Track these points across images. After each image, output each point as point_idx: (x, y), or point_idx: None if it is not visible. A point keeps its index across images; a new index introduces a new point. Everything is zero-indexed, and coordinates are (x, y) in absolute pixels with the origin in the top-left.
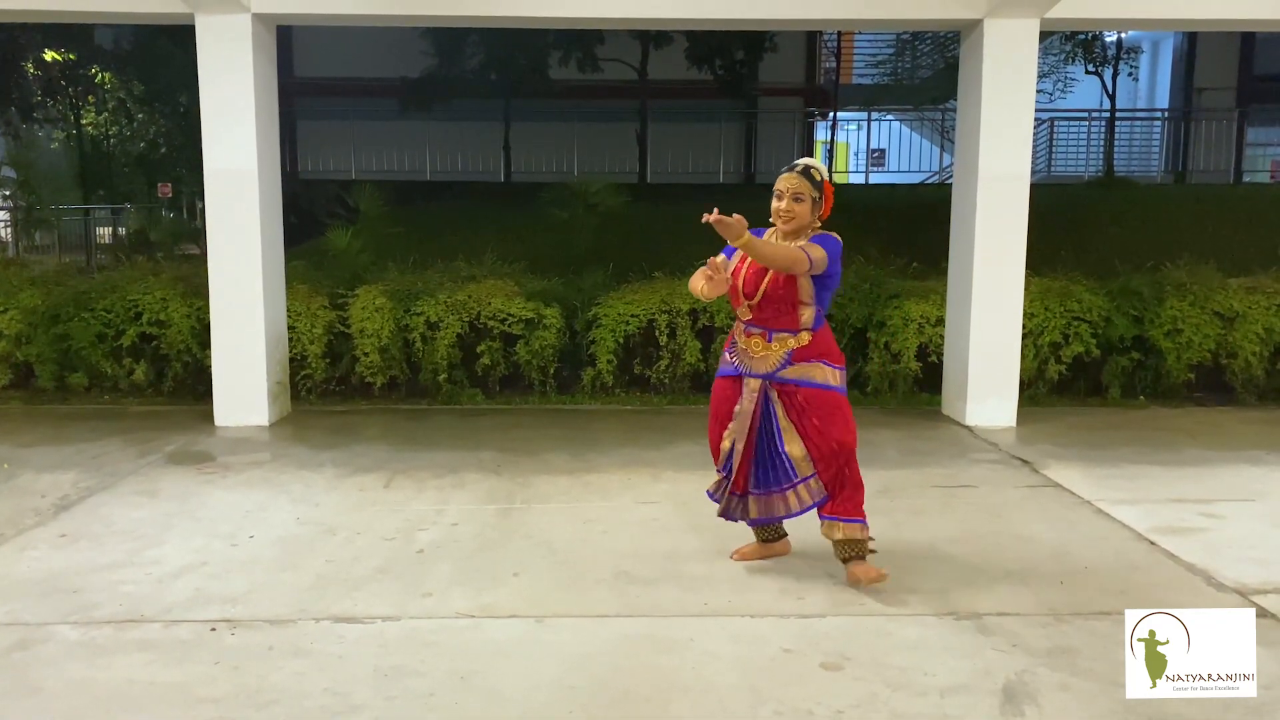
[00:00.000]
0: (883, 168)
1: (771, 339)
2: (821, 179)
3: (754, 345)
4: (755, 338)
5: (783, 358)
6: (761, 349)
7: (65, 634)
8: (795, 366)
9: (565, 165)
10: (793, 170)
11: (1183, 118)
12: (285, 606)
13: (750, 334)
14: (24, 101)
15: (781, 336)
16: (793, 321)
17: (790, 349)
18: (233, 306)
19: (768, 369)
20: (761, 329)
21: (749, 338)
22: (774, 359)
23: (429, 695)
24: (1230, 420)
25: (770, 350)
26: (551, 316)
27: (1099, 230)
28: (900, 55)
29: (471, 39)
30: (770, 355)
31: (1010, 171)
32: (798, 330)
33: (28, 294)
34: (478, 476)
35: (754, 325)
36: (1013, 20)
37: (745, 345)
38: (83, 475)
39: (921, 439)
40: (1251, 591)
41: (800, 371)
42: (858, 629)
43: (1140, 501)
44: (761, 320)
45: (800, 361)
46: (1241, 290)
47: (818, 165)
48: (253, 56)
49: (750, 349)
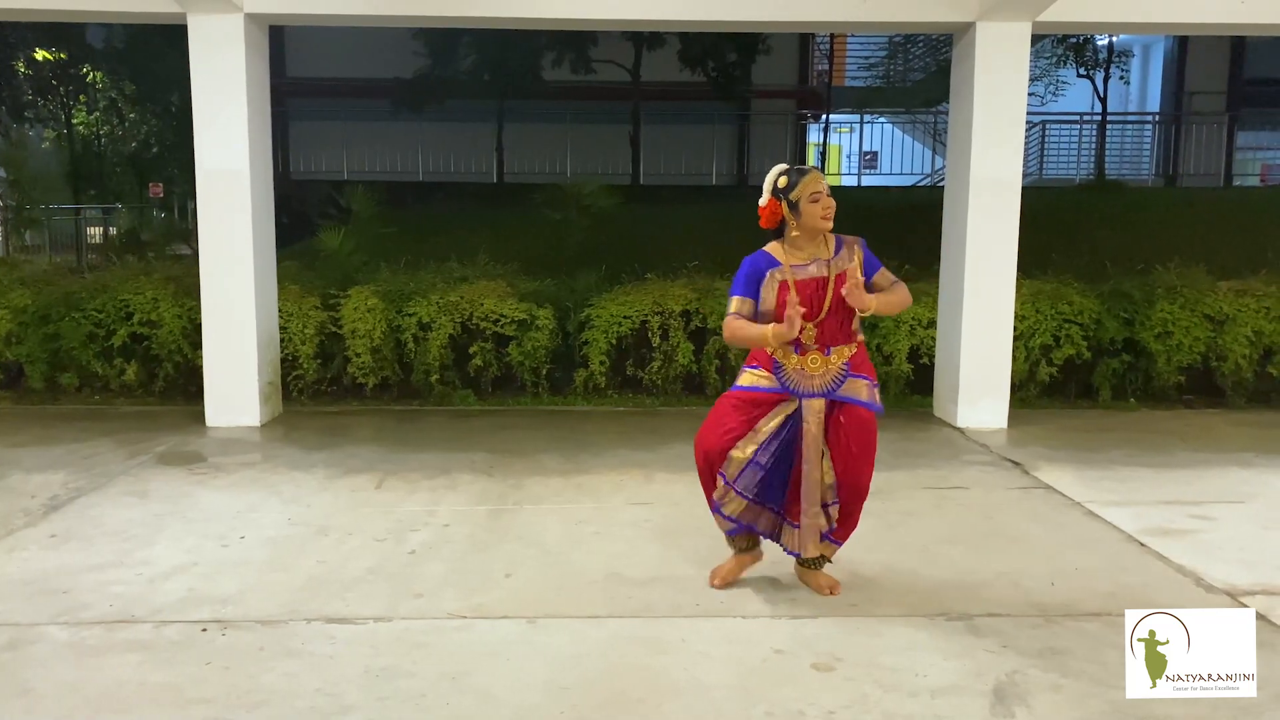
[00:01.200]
0: (875, 170)
1: (830, 352)
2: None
3: (811, 363)
4: (813, 353)
5: (841, 370)
6: (820, 365)
7: (55, 635)
8: (850, 381)
9: (558, 167)
10: (811, 171)
11: (1173, 121)
12: (276, 607)
13: (806, 351)
14: (15, 101)
15: (839, 349)
16: (850, 334)
17: (847, 359)
18: (224, 307)
19: (826, 385)
20: (819, 345)
21: (804, 355)
22: (834, 372)
23: (420, 696)
24: (1220, 422)
25: (830, 364)
26: (544, 318)
27: (1090, 233)
28: (893, 58)
29: (464, 40)
30: (830, 369)
31: (1002, 174)
32: (853, 339)
33: (18, 294)
34: (470, 478)
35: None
36: (1005, 23)
37: (800, 364)
38: (73, 476)
39: (913, 441)
40: (1241, 593)
41: (851, 388)
42: (849, 630)
43: (1130, 503)
44: (822, 339)
45: (855, 373)
46: (1231, 293)
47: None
48: (245, 56)
49: (806, 367)
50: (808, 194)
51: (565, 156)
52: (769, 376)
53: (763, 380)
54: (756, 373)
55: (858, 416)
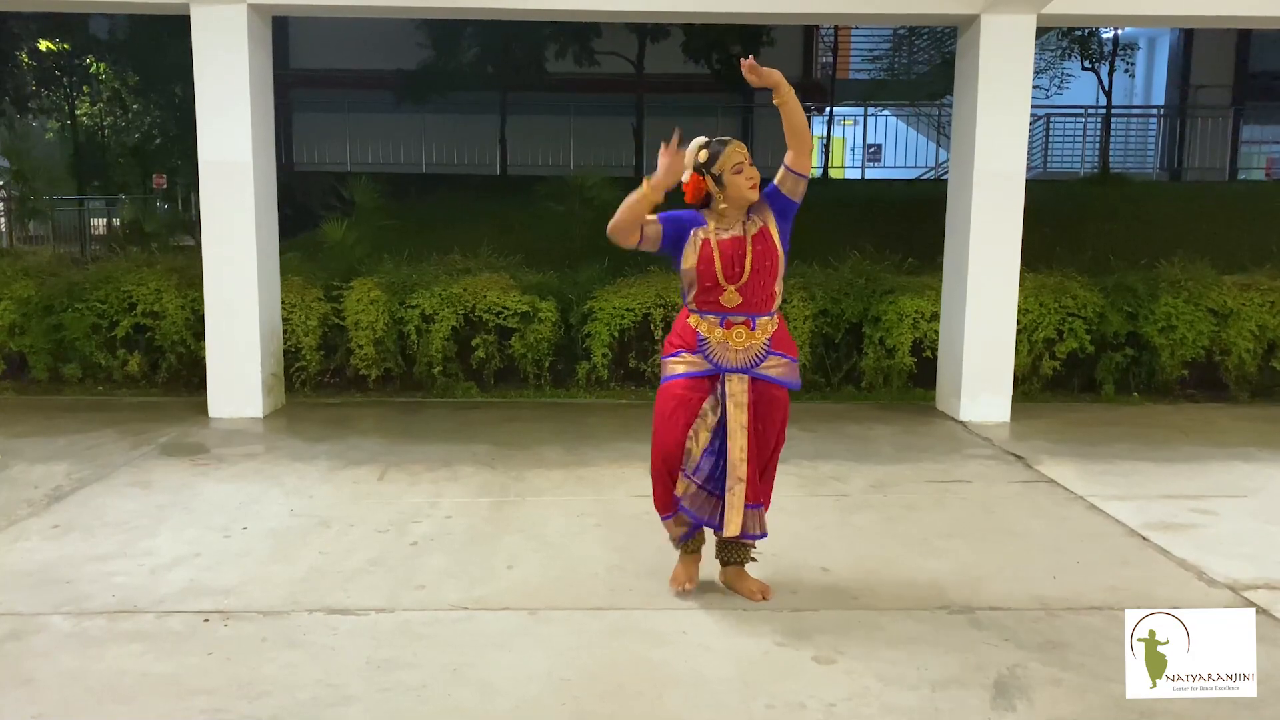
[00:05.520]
0: (879, 163)
1: (755, 325)
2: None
3: (735, 337)
4: (737, 327)
5: (764, 346)
6: (745, 339)
7: (57, 625)
8: (772, 358)
9: (561, 159)
10: (733, 141)
11: (1178, 115)
12: (278, 598)
13: (731, 324)
14: (18, 91)
15: (763, 321)
16: (771, 300)
17: (770, 334)
18: (227, 298)
19: (749, 360)
20: (745, 315)
21: (729, 329)
22: (758, 347)
23: (421, 687)
24: (1223, 417)
25: (754, 339)
26: (547, 310)
27: (1094, 226)
28: (897, 50)
29: (468, 31)
30: (754, 344)
31: (1006, 167)
32: (773, 310)
33: (21, 284)
34: (472, 469)
35: (736, 314)
36: (1009, 16)
37: (724, 338)
38: (76, 466)
39: (915, 434)
40: (1243, 587)
41: (772, 366)
42: (850, 623)
43: (1133, 497)
44: (747, 306)
45: (776, 350)
46: (1235, 287)
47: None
48: (248, 47)
49: (731, 341)
50: (731, 165)
51: (569, 149)
52: (695, 360)
53: (691, 365)
54: (681, 359)
55: (773, 394)
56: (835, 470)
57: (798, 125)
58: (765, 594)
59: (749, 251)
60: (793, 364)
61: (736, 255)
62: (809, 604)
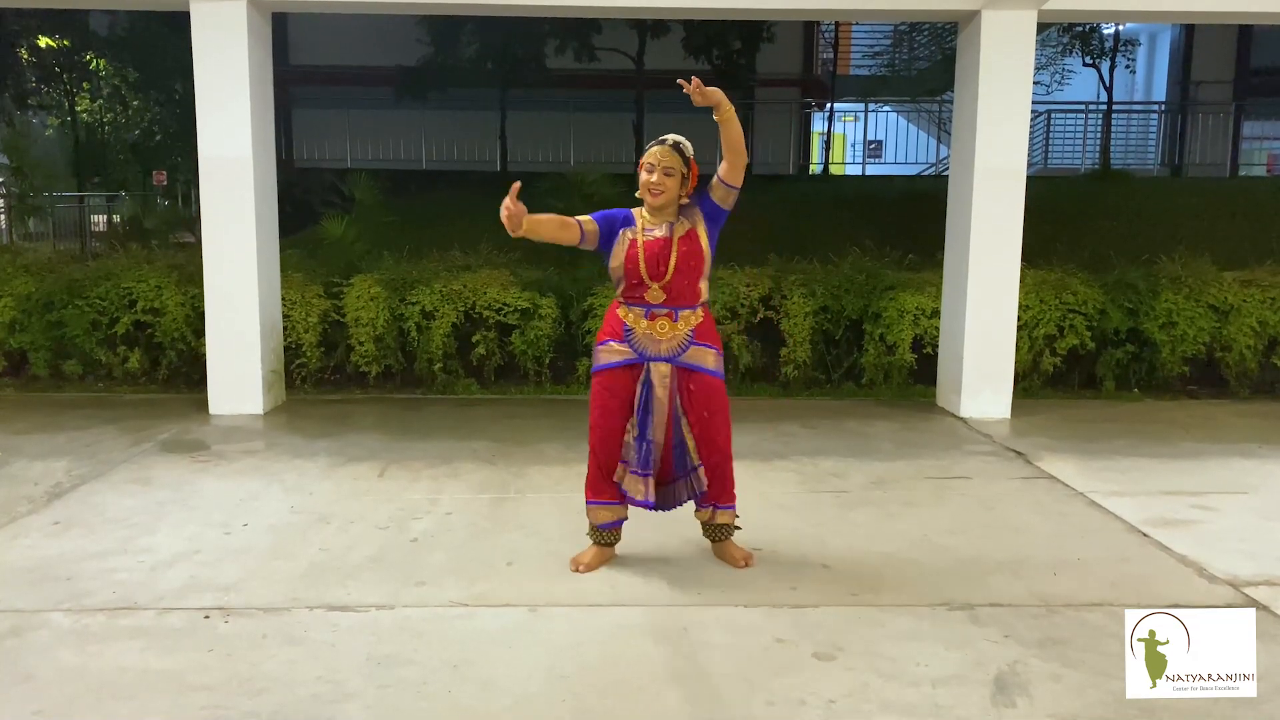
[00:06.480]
0: (879, 159)
1: (678, 318)
2: (689, 156)
3: (659, 328)
4: (661, 319)
5: (687, 336)
6: (668, 330)
7: (58, 621)
8: (694, 349)
9: (561, 155)
10: (663, 144)
11: (1179, 111)
12: (278, 595)
13: (655, 316)
14: (18, 88)
15: (685, 314)
16: (695, 295)
17: (693, 326)
18: (227, 295)
19: (673, 350)
20: (668, 309)
21: (653, 320)
22: (680, 338)
23: (421, 684)
24: (1223, 413)
25: (677, 330)
26: (547, 307)
27: (1094, 223)
28: (898, 47)
29: (468, 28)
30: (677, 335)
31: (1007, 164)
32: (697, 304)
33: (21, 281)
34: (472, 466)
35: (660, 307)
36: (1010, 11)
37: (649, 329)
38: (76, 463)
39: (915, 430)
40: (1243, 584)
41: (696, 355)
42: (850, 619)
43: (1133, 494)
44: (671, 300)
45: (700, 341)
46: (1236, 283)
47: (685, 141)
48: (248, 43)
49: (655, 332)
50: (643, 163)
51: (569, 145)
52: (622, 349)
53: (618, 354)
54: (609, 348)
55: (706, 383)
56: (835, 467)
57: (735, 141)
58: (748, 561)
59: (674, 252)
60: (719, 355)
61: (662, 255)
62: (809, 600)
